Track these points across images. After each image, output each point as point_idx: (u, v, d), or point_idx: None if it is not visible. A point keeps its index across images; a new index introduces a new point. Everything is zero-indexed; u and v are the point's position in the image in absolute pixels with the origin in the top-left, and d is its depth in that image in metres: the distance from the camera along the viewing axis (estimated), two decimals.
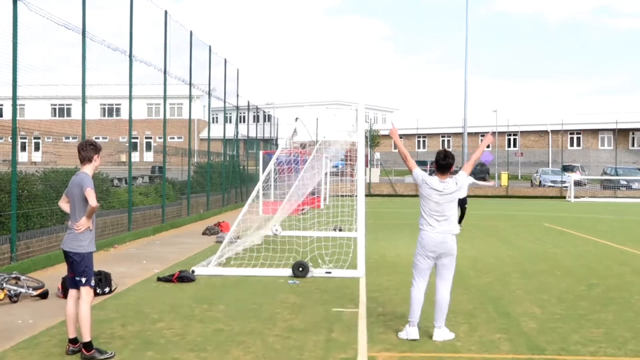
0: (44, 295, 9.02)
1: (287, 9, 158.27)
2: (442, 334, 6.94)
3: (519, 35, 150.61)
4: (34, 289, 9.02)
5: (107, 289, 9.35)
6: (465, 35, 46.77)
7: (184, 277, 10.35)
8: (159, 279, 10.43)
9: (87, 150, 6.40)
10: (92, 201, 6.18)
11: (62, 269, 10.96)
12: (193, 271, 10.84)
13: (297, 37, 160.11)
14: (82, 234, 6.27)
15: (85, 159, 6.43)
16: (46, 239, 12.13)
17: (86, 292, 6.25)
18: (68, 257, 6.34)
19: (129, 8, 16.08)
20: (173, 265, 12.05)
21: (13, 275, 9.12)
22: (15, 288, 8.79)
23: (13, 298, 8.73)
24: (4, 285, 8.76)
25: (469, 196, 20.37)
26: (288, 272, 10.90)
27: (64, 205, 6.59)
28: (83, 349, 6.17)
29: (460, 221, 17.39)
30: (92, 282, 6.34)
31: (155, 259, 12.91)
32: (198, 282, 10.29)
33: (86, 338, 6.15)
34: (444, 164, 7.13)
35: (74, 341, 6.29)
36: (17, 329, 7.35)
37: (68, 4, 13.17)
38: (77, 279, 6.27)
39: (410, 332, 6.95)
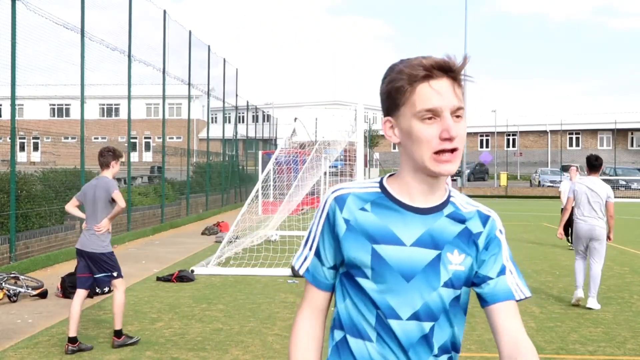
0: (43, 295, 9.02)
1: (287, 8, 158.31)
2: (592, 302, 8.49)
3: (518, 35, 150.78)
4: (33, 288, 9.02)
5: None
6: (464, 35, 46.83)
7: (183, 277, 10.35)
8: (158, 279, 10.43)
9: (106, 156, 6.67)
10: (122, 202, 6.58)
11: (61, 269, 10.97)
12: (192, 271, 10.84)
13: (297, 36, 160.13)
14: (103, 235, 6.61)
15: (104, 165, 6.69)
16: (45, 239, 12.13)
17: (120, 283, 6.66)
18: (88, 257, 6.57)
19: (128, 8, 16.08)
20: (172, 265, 12.04)
21: (12, 275, 9.12)
22: (14, 288, 8.78)
23: (12, 298, 8.73)
24: (4, 284, 8.75)
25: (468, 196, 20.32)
26: (287, 271, 10.90)
27: (72, 208, 6.84)
28: (114, 337, 6.53)
29: None
30: (122, 274, 6.76)
31: (154, 259, 12.91)
32: (197, 282, 10.29)
33: (118, 326, 6.53)
34: (596, 164, 8.79)
35: (73, 340, 6.33)
36: (16, 329, 7.35)
37: (67, 3, 13.18)
38: (109, 274, 6.63)
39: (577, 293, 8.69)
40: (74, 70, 13.44)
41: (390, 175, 1.81)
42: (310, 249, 1.76)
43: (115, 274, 6.66)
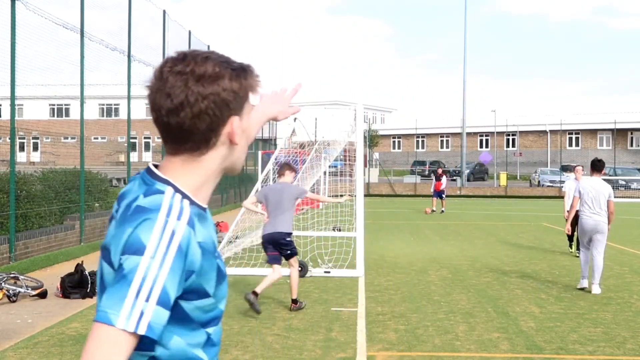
0: (42, 295, 9.02)
1: (287, 8, 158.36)
2: (595, 289, 9.44)
3: (518, 35, 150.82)
4: (33, 288, 9.02)
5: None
6: (464, 35, 46.83)
7: None
8: None
9: (283, 168, 8.72)
10: (328, 200, 10.67)
11: (61, 269, 10.96)
12: None
13: (297, 36, 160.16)
14: (289, 223, 8.41)
15: (280, 174, 8.70)
16: (45, 239, 12.13)
17: (295, 260, 8.45)
18: (277, 240, 8.31)
19: (128, 8, 16.07)
20: None
21: (12, 275, 9.12)
22: (14, 288, 8.78)
23: (12, 298, 8.72)
24: (3, 284, 8.75)
25: (468, 196, 20.34)
26: (287, 271, 10.88)
27: (251, 205, 8.90)
28: (292, 303, 8.28)
29: None
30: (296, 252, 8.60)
31: None
32: None
33: (295, 295, 8.31)
34: (599, 166, 9.85)
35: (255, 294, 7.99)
36: (16, 329, 7.35)
37: (66, 3, 13.18)
38: (289, 252, 8.37)
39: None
40: (74, 70, 13.43)
41: (161, 172, 1.53)
42: (148, 300, 1.33)
43: (295, 252, 8.47)
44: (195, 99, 1.45)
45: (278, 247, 8.36)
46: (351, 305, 8.59)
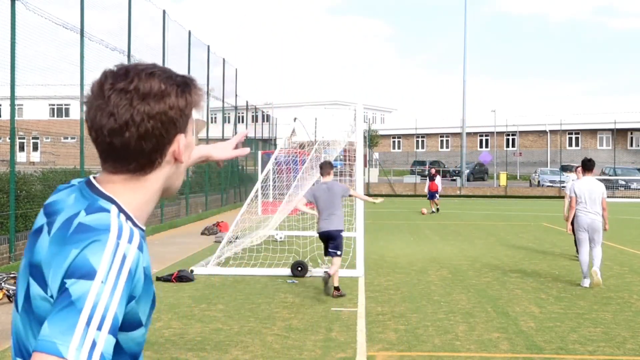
0: None
1: (287, 8, 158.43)
2: (598, 274, 9.92)
3: (518, 35, 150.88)
4: None
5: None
6: (464, 35, 46.84)
7: (182, 277, 10.35)
8: (158, 279, 10.42)
9: (326, 167, 9.66)
10: (366, 198, 10.76)
11: None
12: (192, 271, 10.84)
13: (297, 36, 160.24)
14: (341, 220, 9.43)
15: (324, 173, 9.59)
16: None
17: (337, 260, 9.29)
18: (332, 236, 9.24)
19: (127, 8, 16.08)
20: (172, 265, 12.04)
21: (12, 275, 9.12)
22: (14, 288, 8.78)
23: (12, 297, 8.72)
24: (3, 284, 8.75)
25: (467, 196, 20.30)
26: (287, 271, 10.90)
27: (304, 207, 9.56)
28: (335, 290, 9.10)
29: None
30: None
31: (153, 259, 12.88)
32: (197, 282, 10.28)
33: (337, 283, 9.18)
34: (590, 165, 10.36)
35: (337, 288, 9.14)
36: None
37: (66, 3, 13.17)
38: (335, 248, 9.24)
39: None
40: (74, 70, 13.43)
41: (105, 190, 1.43)
42: (100, 329, 1.23)
43: (339, 252, 9.30)
44: (141, 119, 1.36)
45: (330, 241, 9.32)
46: (351, 305, 8.59)
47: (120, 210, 1.39)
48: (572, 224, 10.49)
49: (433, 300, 8.98)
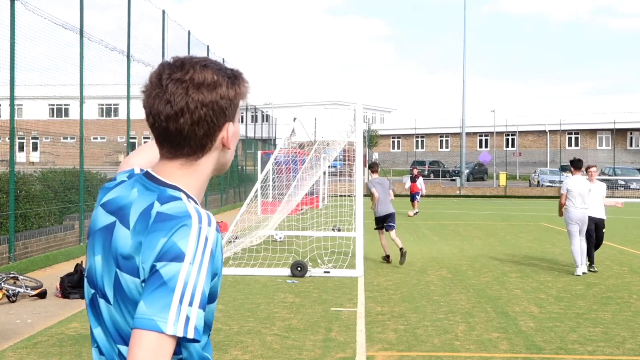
0: (42, 295, 9.02)
1: (286, 8, 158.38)
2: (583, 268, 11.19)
3: (518, 35, 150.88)
4: (33, 288, 9.02)
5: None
6: (463, 35, 46.84)
7: None
8: None
9: (375, 166, 13.13)
10: (391, 195, 12.87)
11: (60, 269, 10.96)
12: None
13: (296, 36, 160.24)
14: (391, 205, 12.60)
15: (373, 171, 12.97)
16: (44, 239, 12.12)
17: (394, 232, 12.48)
18: (388, 216, 12.42)
19: (127, 8, 16.07)
20: None
21: (11, 275, 9.12)
22: (13, 288, 8.78)
23: (11, 298, 8.72)
24: (3, 285, 8.75)
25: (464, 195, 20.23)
26: (287, 271, 10.90)
27: (376, 194, 12.34)
28: (401, 251, 12.02)
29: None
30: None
31: None
32: None
33: (402, 245, 12.21)
34: (579, 165, 11.51)
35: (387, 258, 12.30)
36: (15, 329, 7.35)
37: (66, 3, 13.14)
38: (392, 224, 12.43)
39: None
40: (73, 71, 13.41)
41: (169, 180, 1.55)
42: (191, 304, 1.37)
43: (393, 224, 12.48)
44: (195, 106, 1.48)
45: (387, 221, 12.37)
46: (351, 305, 8.59)
47: (187, 196, 1.52)
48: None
49: (432, 300, 8.99)
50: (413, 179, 25.93)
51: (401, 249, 12.01)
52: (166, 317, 1.35)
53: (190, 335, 1.36)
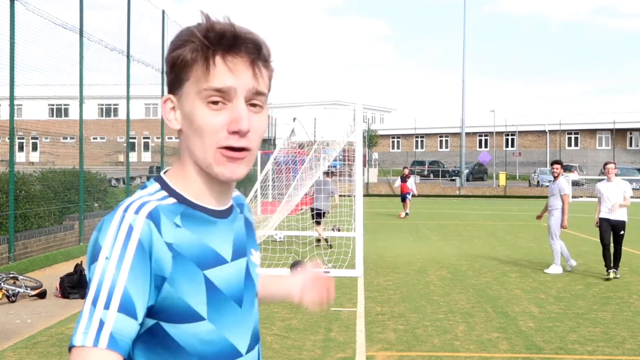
0: (42, 295, 9.02)
1: (286, 8, 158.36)
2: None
3: (517, 35, 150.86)
4: (32, 288, 9.02)
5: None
6: (463, 35, 46.85)
7: None
8: None
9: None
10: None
11: (60, 269, 10.96)
12: None
13: (296, 36, 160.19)
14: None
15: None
16: (44, 239, 12.12)
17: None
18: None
19: (127, 8, 16.07)
20: None
21: (11, 275, 9.12)
22: (13, 288, 8.78)
23: (11, 298, 8.72)
24: (2, 285, 8.75)
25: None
26: (286, 272, 10.90)
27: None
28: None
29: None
30: None
31: None
32: None
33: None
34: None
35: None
36: (15, 329, 7.35)
37: (65, 3, 13.15)
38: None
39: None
40: (73, 71, 13.42)
41: (165, 173, 1.38)
42: (107, 307, 1.12)
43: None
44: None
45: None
46: (350, 305, 8.59)
47: (164, 186, 1.33)
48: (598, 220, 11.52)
49: (432, 300, 8.99)
50: (403, 179, 25.68)
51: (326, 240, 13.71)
52: (77, 327, 1.12)
53: (102, 345, 1.10)
